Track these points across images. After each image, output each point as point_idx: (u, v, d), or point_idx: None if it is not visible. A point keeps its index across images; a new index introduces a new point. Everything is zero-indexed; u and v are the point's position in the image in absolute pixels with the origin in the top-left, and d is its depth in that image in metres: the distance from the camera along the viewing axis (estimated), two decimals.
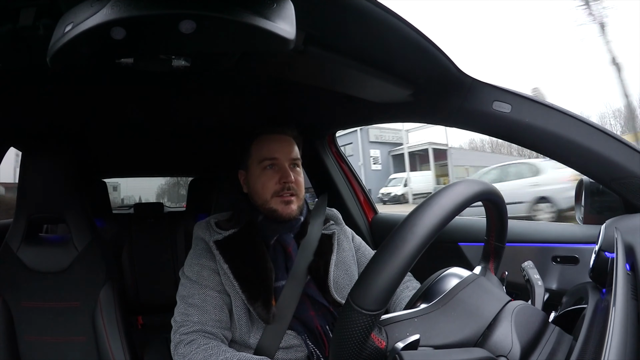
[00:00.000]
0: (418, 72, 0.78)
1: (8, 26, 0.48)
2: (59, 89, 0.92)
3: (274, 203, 0.87)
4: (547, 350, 0.46)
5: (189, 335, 0.76)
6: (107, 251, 1.12)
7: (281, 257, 0.88)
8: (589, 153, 0.71)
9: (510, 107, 0.76)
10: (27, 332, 1.02)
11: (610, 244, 0.55)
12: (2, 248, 1.06)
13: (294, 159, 0.90)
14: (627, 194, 0.70)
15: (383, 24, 0.59)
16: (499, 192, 0.56)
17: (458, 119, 0.83)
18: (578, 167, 0.74)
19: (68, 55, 0.39)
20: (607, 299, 0.48)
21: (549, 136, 0.74)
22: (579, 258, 0.87)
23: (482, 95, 0.78)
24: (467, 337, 0.46)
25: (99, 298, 1.05)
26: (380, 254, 0.41)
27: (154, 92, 0.99)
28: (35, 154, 1.04)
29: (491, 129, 0.81)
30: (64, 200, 1.07)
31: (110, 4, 0.35)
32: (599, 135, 0.71)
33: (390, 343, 0.44)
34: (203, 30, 0.38)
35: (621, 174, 0.69)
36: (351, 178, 1.53)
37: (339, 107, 1.13)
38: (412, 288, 0.93)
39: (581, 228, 0.93)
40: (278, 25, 0.38)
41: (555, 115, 0.74)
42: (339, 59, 0.68)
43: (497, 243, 0.62)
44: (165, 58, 0.50)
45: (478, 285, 0.52)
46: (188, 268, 0.86)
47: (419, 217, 0.42)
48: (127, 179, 4.33)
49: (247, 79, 0.92)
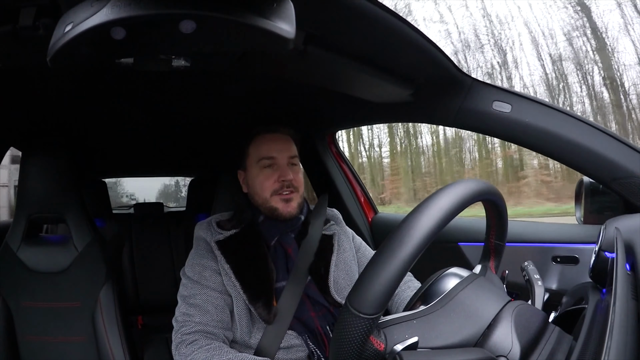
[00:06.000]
0: (418, 72, 0.78)
1: (8, 26, 0.48)
2: (58, 89, 0.92)
3: (274, 202, 0.87)
4: (547, 351, 0.46)
5: (190, 336, 0.76)
6: (107, 251, 1.12)
7: (282, 257, 0.88)
8: (589, 153, 0.71)
9: (510, 107, 0.76)
10: (27, 332, 1.02)
11: (610, 244, 0.54)
12: (2, 248, 1.06)
13: (291, 157, 0.90)
14: (627, 194, 0.70)
15: (383, 23, 0.59)
16: (498, 191, 0.56)
17: (458, 119, 0.83)
18: (578, 167, 0.74)
19: (68, 55, 0.39)
20: (607, 299, 0.48)
21: (549, 136, 0.74)
22: (579, 258, 0.88)
23: (482, 95, 0.78)
24: (466, 338, 0.46)
25: (99, 298, 1.05)
26: (377, 258, 0.41)
27: (154, 92, 0.99)
28: (35, 154, 1.04)
29: (491, 129, 0.81)
30: (64, 200, 1.07)
31: (110, 4, 0.35)
32: (599, 135, 0.71)
33: (389, 345, 0.44)
34: (203, 30, 0.38)
35: (621, 174, 0.69)
36: (351, 178, 1.53)
37: (339, 107, 1.13)
38: (412, 288, 0.93)
39: (581, 228, 0.93)
40: (278, 25, 0.38)
41: (555, 115, 0.74)
42: (339, 59, 0.68)
43: (497, 241, 0.62)
44: (165, 58, 0.50)
45: (478, 285, 0.52)
46: (189, 268, 0.86)
47: (416, 220, 0.42)
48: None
49: (247, 79, 0.92)
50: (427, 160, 12.82)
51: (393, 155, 13.07)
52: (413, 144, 12.70)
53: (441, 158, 12.49)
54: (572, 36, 10.67)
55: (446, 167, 12.31)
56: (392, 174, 12.95)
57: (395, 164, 12.91)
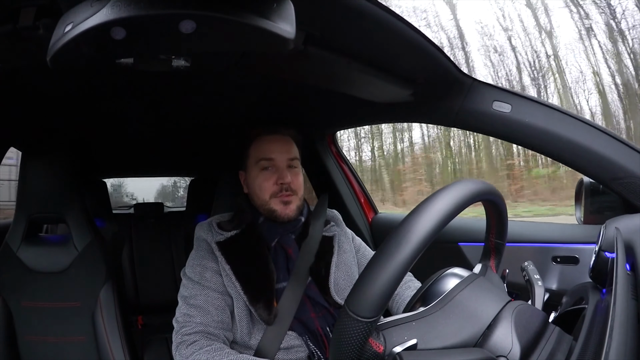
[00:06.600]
0: (418, 72, 0.78)
1: (8, 26, 0.48)
2: (59, 89, 0.92)
3: (273, 204, 0.87)
4: (547, 351, 0.46)
5: (191, 336, 0.76)
6: (107, 251, 1.12)
7: (282, 258, 0.88)
8: (589, 153, 0.71)
9: (510, 107, 0.76)
10: (27, 332, 1.02)
11: (610, 244, 0.54)
12: (2, 248, 1.06)
13: (291, 159, 0.90)
14: (627, 194, 0.70)
15: (383, 24, 0.59)
16: (498, 190, 0.56)
17: (458, 119, 0.83)
18: (578, 167, 0.74)
19: (68, 55, 0.39)
20: (607, 299, 0.48)
21: (549, 136, 0.74)
22: (579, 258, 0.88)
23: (482, 95, 0.78)
24: (466, 338, 0.46)
25: (99, 298, 1.05)
26: (376, 260, 0.41)
27: (154, 92, 0.99)
28: (35, 154, 1.04)
29: (491, 129, 0.81)
30: (64, 200, 1.07)
31: (110, 4, 0.35)
32: (599, 135, 0.71)
33: (388, 347, 0.44)
34: (203, 30, 0.38)
35: (621, 174, 0.69)
36: (351, 178, 1.53)
37: (339, 107, 1.13)
38: (413, 288, 0.93)
39: (581, 228, 0.93)
40: (278, 25, 0.38)
41: (555, 115, 0.74)
42: (339, 59, 0.68)
43: (497, 240, 0.62)
44: (165, 58, 0.50)
45: (478, 285, 0.52)
46: (190, 269, 0.86)
47: (414, 221, 0.42)
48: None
49: (247, 79, 0.92)
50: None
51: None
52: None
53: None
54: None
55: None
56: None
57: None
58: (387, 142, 12.49)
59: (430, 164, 12.01)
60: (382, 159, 12.36)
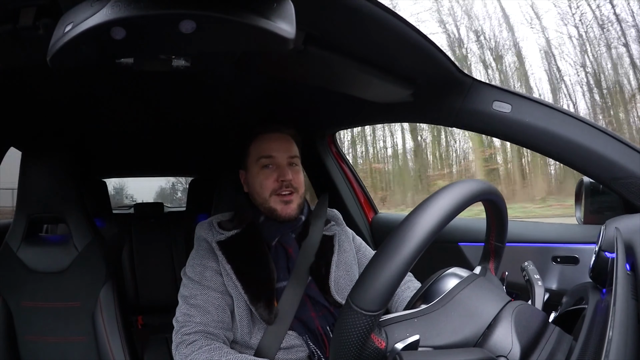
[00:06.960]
0: (418, 72, 0.78)
1: (8, 26, 0.48)
2: (58, 89, 0.92)
3: (273, 202, 0.87)
4: (547, 351, 0.46)
5: (191, 336, 0.76)
6: (107, 251, 1.12)
7: (283, 258, 0.88)
8: (589, 153, 0.71)
9: (510, 107, 0.76)
10: (27, 332, 1.02)
11: (610, 244, 0.54)
12: (2, 248, 1.06)
13: (291, 157, 0.90)
14: (627, 194, 0.70)
15: (383, 24, 0.59)
16: (498, 191, 0.56)
17: (458, 119, 0.83)
18: (578, 167, 0.74)
19: (68, 55, 0.39)
20: (607, 299, 0.48)
21: (549, 136, 0.74)
22: (579, 258, 0.88)
23: (482, 95, 0.78)
24: (466, 337, 0.46)
25: (99, 298, 1.05)
26: (380, 255, 0.41)
27: (154, 92, 0.99)
28: (35, 154, 1.04)
29: (491, 129, 0.81)
30: (64, 200, 1.07)
31: (110, 4, 0.35)
32: (599, 135, 0.71)
33: (390, 343, 0.44)
34: (203, 30, 0.38)
35: (621, 174, 0.69)
36: (351, 178, 1.53)
37: (339, 107, 1.13)
38: (412, 288, 0.93)
39: (581, 228, 0.93)
40: (278, 25, 0.38)
41: (555, 115, 0.74)
42: (339, 59, 0.68)
43: (497, 243, 0.62)
44: (165, 58, 0.50)
45: (478, 285, 0.52)
46: (190, 268, 0.86)
47: (418, 218, 0.42)
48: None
49: (247, 79, 0.92)
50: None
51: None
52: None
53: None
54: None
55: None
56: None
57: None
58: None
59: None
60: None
